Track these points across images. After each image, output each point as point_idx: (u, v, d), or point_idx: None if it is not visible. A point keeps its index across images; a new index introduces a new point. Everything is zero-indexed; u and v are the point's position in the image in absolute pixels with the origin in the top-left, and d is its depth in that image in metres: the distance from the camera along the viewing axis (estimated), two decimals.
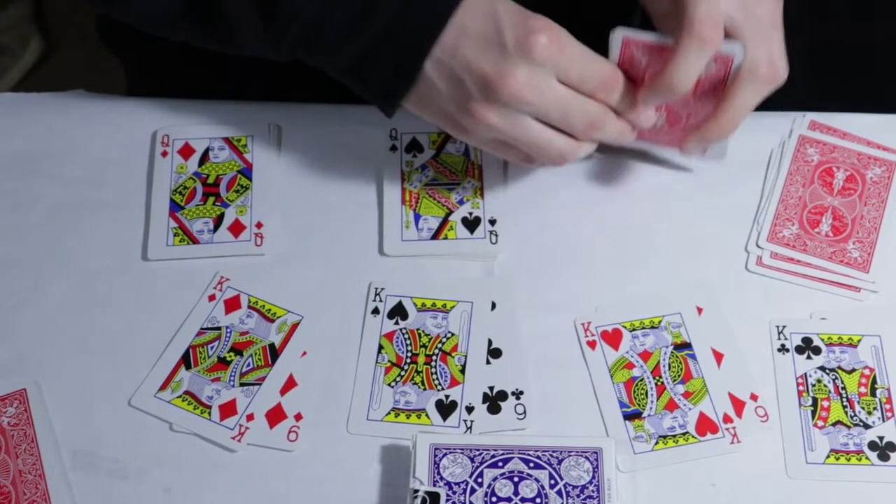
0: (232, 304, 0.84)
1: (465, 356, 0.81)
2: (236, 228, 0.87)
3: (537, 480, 0.73)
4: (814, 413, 0.79)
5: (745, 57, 0.77)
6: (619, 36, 0.78)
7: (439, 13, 0.77)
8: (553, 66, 0.76)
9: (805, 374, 0.81)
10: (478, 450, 0.74)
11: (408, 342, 0.82)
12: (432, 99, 0.79)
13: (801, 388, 0.80)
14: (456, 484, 0.73)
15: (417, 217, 0.87)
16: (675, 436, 0.78)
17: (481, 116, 0.77)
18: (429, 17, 0.77)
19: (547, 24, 0.76)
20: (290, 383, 0.81)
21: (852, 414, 0.79)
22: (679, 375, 0.81)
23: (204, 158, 0.90)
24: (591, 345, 0.82)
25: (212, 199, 0.89)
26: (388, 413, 0.79)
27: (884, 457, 0.77)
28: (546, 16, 0.77)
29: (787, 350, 0.81)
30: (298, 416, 0.79)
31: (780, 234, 0.85)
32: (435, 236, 0.87)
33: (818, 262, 0.84)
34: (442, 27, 0.77)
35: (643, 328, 0.83)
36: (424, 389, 0.80)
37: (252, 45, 0.83)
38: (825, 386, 0.80)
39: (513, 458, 0.74)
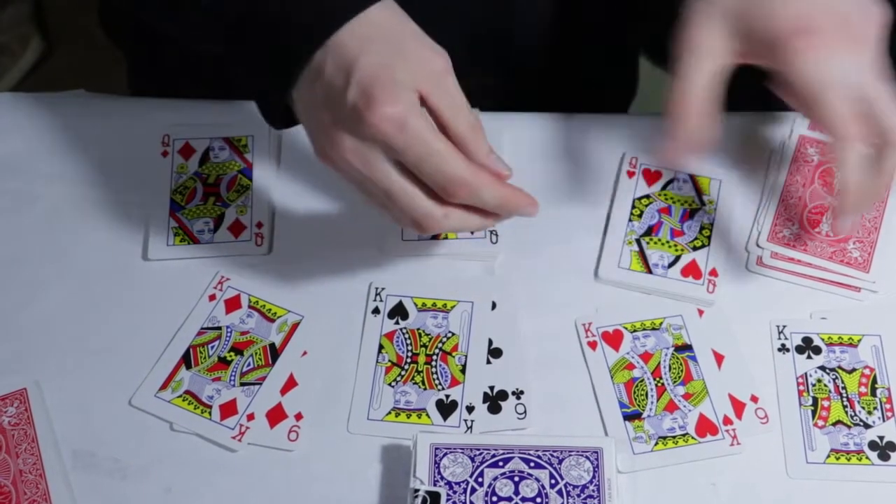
0: (232, 304, 0.84)
1: (466, 356, 0.81)
2: (237, 228, 0.87)
3: (538, 480, 0.73)
4: (814, 413, 0.79)
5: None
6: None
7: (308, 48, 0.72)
8: (386, 146, 0.70)
9: (805, 373, 0.81)
10: (478, 449, 0.74)
11: (408, 342, 0.82)
12: (306, 117, 0.74)
13: (801, 387, 0.80)
14: (456, 483, 0.73)
15: None
16: (674, 437, 0.78)
17: (323, 153, 0.73)
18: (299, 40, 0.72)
19: (395, 100, 0.69)
20: (290, 383, 0.81)
21: (852, 414, 0.79)
22: (679, 377, 0.81)
23: (204, 158, 0.90)
24: (592, 345, 0.82)
25: (212, 198, 0.89)
26: (389, 413, 0.79)
27: (884, 456, 0.77)
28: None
29: (788, 350, 0.81)
30: (299, 416, 0.79)
31: (781, 234, 0.85)
32: (435, 236, 0.86)
33: (818, 261, 0.84)
34: (325, 30, 0.71)
35: (644, 329, 0.83)
36: (425, 389, 0.80)
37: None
38: (825, 386, 0.80)
39: (513, 457, 0.74)
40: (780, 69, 0.77)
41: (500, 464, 0.74)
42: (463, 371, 0.81)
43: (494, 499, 0.73)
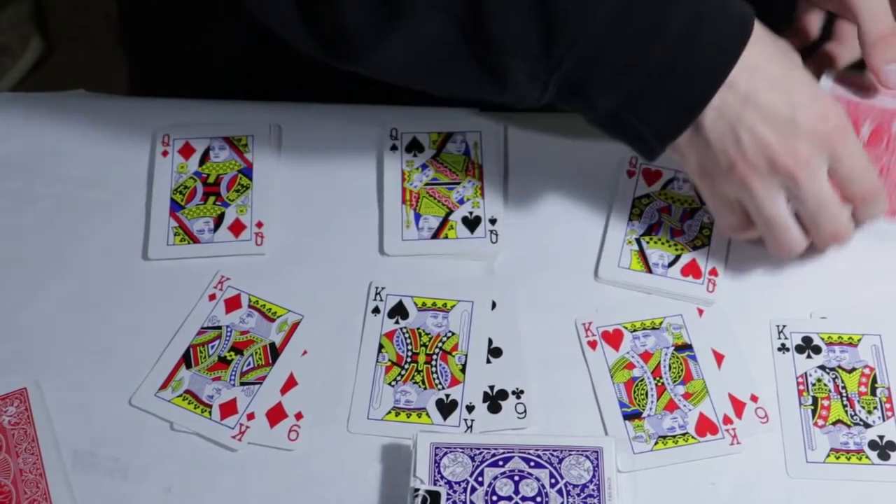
0: (232, 304, 0.84)
1: (466, 355, 0.81)
2: (237, 228, 0.87)
3: (538, 479, 0.73)
4: (814, 412, 0.79)
5: None
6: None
7: (726, 61, 0.76)
8: (831, 154, 0.77)
9: (805, 373, 0.81)
10: (478, 449, 0.74)
11: (408, 341, 0.82)
12: (695, 144, 0.78)
13: (801, 387, 0.80)
14: (456, 483, 0.73)
15: (418, 216, 0.87)
16: (674, 436, 0.78)
17: (745, 179, 0.77)
18: (717, 58, 0.76)
19: (838, 109, 0.77)
20: (290, 382, 0.81)
21: (852, 413, 0.79)
22: (679, 376, 0.81)
23: (204, 158, 0.90)
24: (592, 345, 0.82)
25: (212, 198, 0.89)
26: (389, 412, 0.79)
27: (884, 456, 0.77)
28: None
29: (788, 349, 0.81)
30: (299, 416, 0.79)
31: None
32: (435, 236, 0.87)
33: None
34: (730, 69, 0.75)
35: (644, 329, 0.83)
36: (425, 389, 0.80)
37: (519, 82, 0.77)
38: (825, 385, 0.80)
39: (513, 457, 0.74)
40: None
41: (500, 463, 0.74)
42: (463, 370, 0.81)
43: (494, 498, 0.73)
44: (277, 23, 0.79)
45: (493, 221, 0.87)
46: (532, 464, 0.74)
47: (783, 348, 0.82)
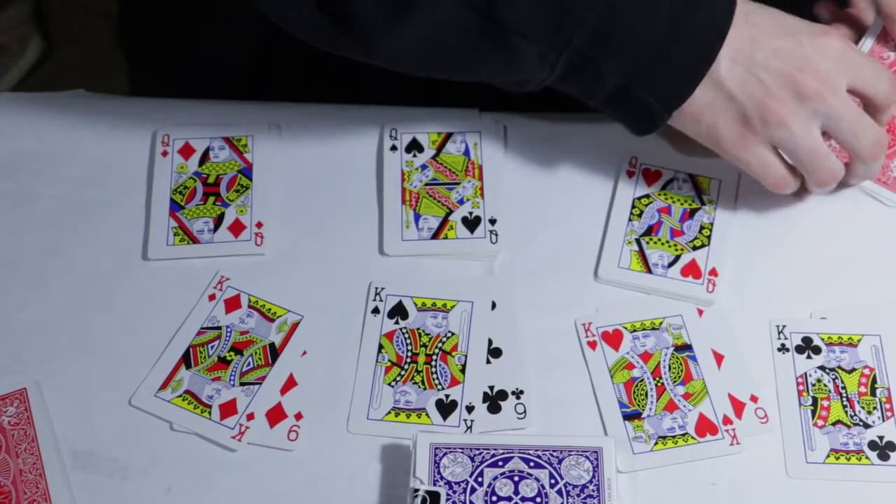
0: (232, 304, 0.84)
1: (466, 356, 0.81)
2: (236, 228, 0.87)
3: (537, 480, 0.73)
4: (814, 412, 0.79)
5: None
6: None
7: (726, 9, 0.78)
8: (847, 66, 0.79)
9: (805, 373, 0.81)
10: (478, 449, 0.74)
11: (408, 342, 0.82)
12: (717, 103, 0.80)
13: (801, 387, 0.80)
14: (456, 483, 0.73)
15: (417, 217, 0.87)
16: (674, 437, 0.78)
17: (779, 114, 0.78)
18: (717, 7, 0.78)
19: (835, 26, 0.81)
20: (290, 383, 0.81)
21: (852, 413, 0.79)
22: (679, 377, 0.81)
23: (204, 158, 0.90)
24: (592, 345, 0.82)
25: (212, 198, 0.89)
26: (389, 412, 0.79)
27: (884, 456, 0.77)
28: None
29: (787, 349, 0.81)
30: (299, 416, 0.79)
31: None
32: (435, 236, 0.87)
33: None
34: (731, 15, 0.78)
35: (644, 329, 0.83)
36: (424, 389, 0.80)
37: (530, 62, 0.79)
38: (825, 385, 0.80)
39: (513, 457, 0.74)
40: None
41: (500, 463, 0.74)
42: (463, 371, 0.81)
43: (494, 498, 0.73)
44: (289, 16, 0.79)
45: (493, 221, 0.87)
46: (532, 464, 0.74)
47: (783, 348, 0.82)
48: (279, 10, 0.79)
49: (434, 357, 0.82)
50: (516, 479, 0.73)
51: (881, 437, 0.78)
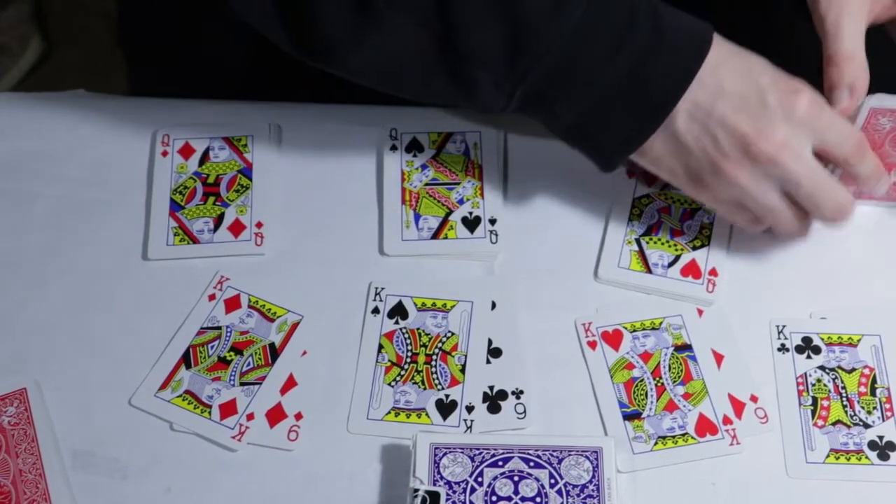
0: (232, 304, 0.84)
1: (466, 356, 0.81)
2: (236, 228, 0.87)
3: (537, 480, 0.73)
4: (814, 412, 0.79)
5: None
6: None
7: (690, 62, 0.77)
8: (812, 129, 0.76)
9: (805, 373, 0.81)
10: (478, 449, 0.74)
11: (408, 342, 0.82)
12: (675, 153, 0.79)
13: (801, 387, 0.80)
14: (456, 483, 0.73)
15: (417, 217, 0.87)
16: (674, 437, 0.78)
17: (731, 174, 0.77)
18: (681, 61, 0.77)
19: (806, 86, 0.77)
20: (290, 383, 0.81)
21: (852, 413, 0.79)
22: (679, 377, 0.81)
23: (204, 158, 0.90)
24: (592, 345, 0.82)
25: (212, 198, 0.89)
26: (389, 412, 0.79)
27: (884, 456, 0.77)
28: None
29: (787, 349, 0.81)
30: (298, 416, 0.79)
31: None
32: (435, 236, 0.87)
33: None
34: (695, 70, 0.76)
35: (644, 329, 0.83)
36: (424, 389, 0.80)
37: (485, 92, 0.79)
38: (825, 385, 0.80)
39: (513, 457, 0.74)
40: None
41: (500, 463, 0.74)
42: (462, 371, 0.81)
43: (494, 498, 0.73)
44: (258, 24, 0.80)
45: (493, 221, 0.87)
46: (532, 464, 0.74)
47: (783, 348, 0.82)
48: (251, 17, 0.79)
49: (434, 357, 0.82)
50: (516, 478, 0.73)
51: (881, 437, 0.78)
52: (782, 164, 0.76)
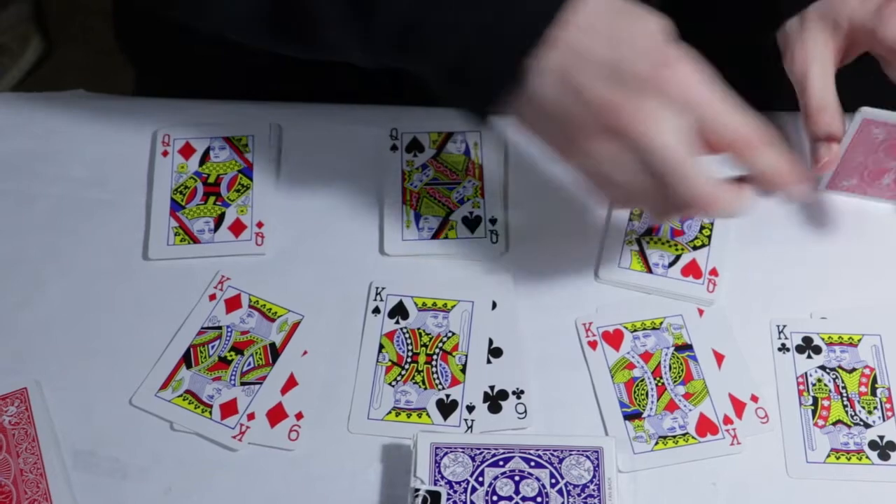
0: (233, 304, 0.84)
1: (466, 355, 0.82)
2: (237, 228, 0.87)
3: (538, 479, 0.73)
4: (814, 412, 0.79)
5: None
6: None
7: (544, 14, 0.69)
8: (684, 106, 0.69)
9: (805, 373, 0.81)
10: (479, 449, 0.74)
11: (408, 341, 0.82)
12: (540, 119, 0.73)
13: (801, 387, 0.80)
14: (457, 483, 0.73)
15: (418, 216, 0.87)
16: (674, 436, 0.78)
17: (585, 146, 0.70)
18: (534, 13, 0.69)
19: (686, 57, 0.69)
20: (290, 382, 0.81)
21: (853, 413, 0.79)
22: (680, 376, 0.81)
23: (204, 158, 0.90)
24: (593, 345, 0.82)
25: (212, 198, 0.89)
26: (389, 412, 0.79)
27: (884, 456, 0.77)
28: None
29: (788, 349, 0.82)
30: (299, 416, 0.79)
31: (842, 184, 0.86)
32: (435, 236, 0.87)
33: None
34: (546, 25, 0.68)
35: (644, 329, 0.83)
36: (425, 389, 0.80)
37: (343, 41, 0.74)
38: (825, 385, 0.80)
39: (514, 457, 0.74)
40: (887, 40, 0.78)
41: (501, 463, 0.74)
42: (463, 371, 0.81)
43: (495, 498, 0.73)
44: None
45: (493, 221, 0.87)
46: (532, 464, 0.74)
47: (783, 348, 0.82)
48: None
49: (434, 357, 0.82)
50: (517, 478, 0.73)
51: (881, 437, 0.78)
52: (638, 139, 0.68)
